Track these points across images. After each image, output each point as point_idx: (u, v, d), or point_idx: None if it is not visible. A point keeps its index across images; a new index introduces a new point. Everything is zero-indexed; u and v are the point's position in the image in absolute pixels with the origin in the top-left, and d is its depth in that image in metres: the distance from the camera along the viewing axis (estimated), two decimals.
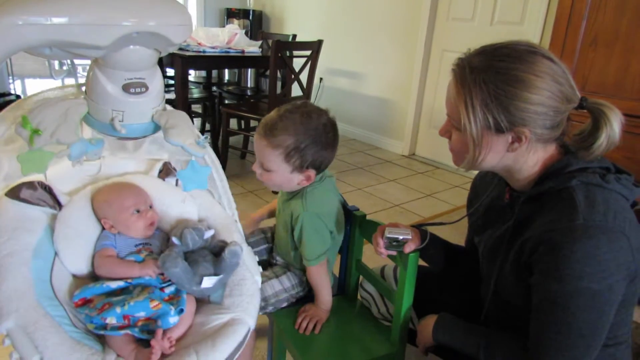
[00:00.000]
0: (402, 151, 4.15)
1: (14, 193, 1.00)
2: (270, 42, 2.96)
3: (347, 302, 1.40)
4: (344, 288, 1.45)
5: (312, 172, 1.18)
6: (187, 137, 0.96)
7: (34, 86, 5.45)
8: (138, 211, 1.07)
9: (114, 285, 0.97)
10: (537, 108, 0.85)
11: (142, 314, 0.91)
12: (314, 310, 1.29)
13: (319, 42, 3.10)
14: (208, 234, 1.08)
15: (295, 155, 1.13)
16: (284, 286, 1.32)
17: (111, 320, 0.89)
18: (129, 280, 0.98)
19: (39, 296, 0.90)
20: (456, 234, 1.34)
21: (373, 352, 1.22)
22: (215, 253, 1.06)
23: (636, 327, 1.83)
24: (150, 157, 1.23)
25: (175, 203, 1.17)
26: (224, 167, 1.22)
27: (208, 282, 0.99)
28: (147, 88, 0.92)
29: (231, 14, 5.22)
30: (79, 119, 0.91)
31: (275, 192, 1.43)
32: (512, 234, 0.96)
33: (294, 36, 3.89)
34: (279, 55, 2.85)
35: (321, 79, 4.62)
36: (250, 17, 5.19)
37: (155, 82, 0.94)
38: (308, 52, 3.12)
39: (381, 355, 1.22)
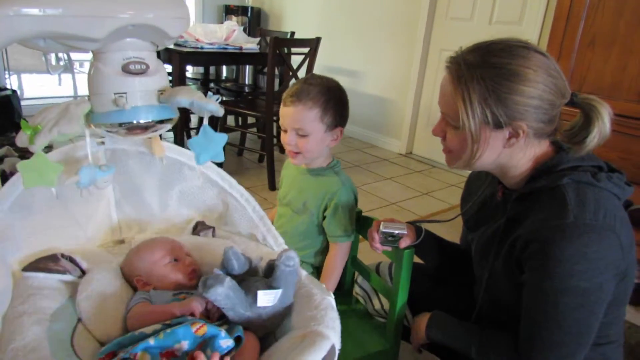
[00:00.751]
0: (399, 150, 4.15)
1: (32, 267, 0.91)
2: (268, 39, 2.96)
3: (343, 297, 1.40)
4: (339, 284, 1.45)
5: (339, 130, 1.28)
6: (195, 93, 0.88)
7: (31, 81, 5.42)
8: (176, 260, 0.97)
9: (149, 330, 0.77)
10: (534, 102, 0.85)
11: (184, 344, 0.72)
12: None
13: (317, 40, 3.10)
14: (256, 260, 0.94)
15: (329, 113, 1.23)
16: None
17: (142, 356, 0.71)
18: (167, 322, 0.79)
19: (54, 351, 0.75)
20: (452, 232, 1.34)
21: (367, 348, 1.22)
22: (266, 276, 0.89)
23: (629, 327, 1.84)
24: (180, 219, 1.19)
25: (216, 250, 1.03)
26: (220, 165, 1.20)
27: (265, 298, 0.81)
28: (147, 66, 0.87)
29: (229, 11, 5.20)
30: (81, 114, 0.84)
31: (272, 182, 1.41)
32: (504, 231, 0.97)
33: (292, 33, 3.88)
34: (277, 52, 2.85)
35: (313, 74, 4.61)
36: (249, 14, 5.18)
37: (156, 62, 0.89)
38: (306, 50, 3.12)
39: (375, 352, 1.22)
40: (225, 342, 0.73)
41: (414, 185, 3.40)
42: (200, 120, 4.12)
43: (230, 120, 3.75)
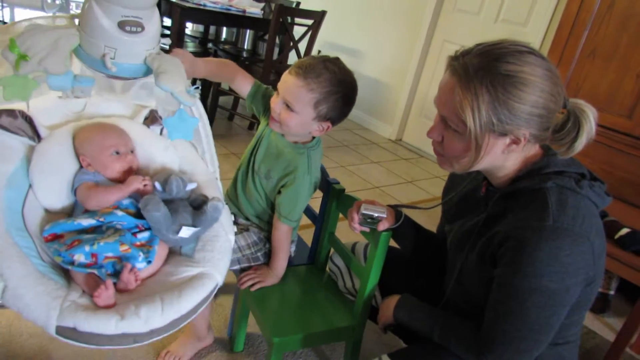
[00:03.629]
0: (389, 135, 4.16)
1: None
2: (273, 5, 2.91)
3: (316, 272, 1.42)
4: (313, 258, 1.47)
5: (328, 125, 1.21)
6: (178, 84, 0.94)
7: (24, 16, 5.27)
8: (118, 153, 1.06)
9: (86, 222, 0.96)
10: (539, 110, 0.86)
11: (110, 255, 0.91)
12: (263, 271, 1.31)
13: (323, 13, 3.06)
14: (191, 185, 1.08)
15: (325, 104, 1.16)
16: (247, 242, 1.34)
17: (79, 257, 0.89)
18: (101, 219, 0.97)
19: (9, 226, 0.89)
20: (430, 221, 1.36)
21: (334, 323, 1.25)
22: (194, 206, 1.06)
23: (587, 332, 1.91)
24: (137, 102, 1.21)
25: (157, 151, 1.16)
26: (210, 126, 1.21)
27: (186, 232, 0.99)
28: (143, 28, 0.89)
29: None
30: (69, 50, 0.87)
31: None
32: (483, 226, 0.99)
33: (298, 3, 3.82)
34: (280, 20, 2.80)
35: (319, 51, 4.57)
36: None
37: (152, 24, 0.91)
38: (310, 22, 3.08)
39: (341, 327, 1.25)
40: (140, 265, 0.93)
41: (400, 172, 3.43)
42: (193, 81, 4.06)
43: (224, 83, 3.71)
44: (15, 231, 0.89)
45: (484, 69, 0.85)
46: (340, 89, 1.17)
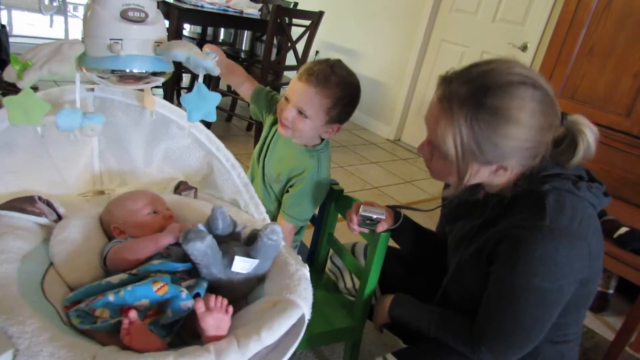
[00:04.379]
0: (387, 135, 4.16)
1: (8, 205, 0.90)
2: (270, 6, 2.90)
3: (315, 273, 1.42)
4: (312, 259, 1.47)
5: (338, 126, 1.24)
6: (192, 47, 0.87)
7: (21, 19, 5.25)
8: (155, 212, 0.97)
9: (116, 280, 0.78)
10: (526, 144, 0.86)
11: (144, 302, 0.72)
12: None
13: (320, 13, 3.06)
14: (240, 227, 0.94)
15: (337, 108, 1.18)
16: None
17: (102, 312, 0.71)
18: (134, 272, 0.80)
19: (23, 291, 0.73)
20: (429, 222, 1.36)
21: (334, 324, 1.25)
22: (247, 243, 0.90)
23: (586, 331, 1.91)
24: (163, 177, 1.17)
25: (198, 214, 1.03)
26: (208, 128, 1.19)
27: (240, 264, 0.81)
28: (147, 15, 0.85)
29: None
30: (73, 55, 0.82)
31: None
32: (480, 227, 0.99)
33: (296, 4, 3.82)
34: (278, 20, 2.80)
35: (317, 51, 4.56)
36: None
37: (155, 13, 0.87)
38: (307, 22, 3.07)
39: (341, 328, 1.25)
40: (186, 303, 0.73)
41: (398, 172, 3.43)
42: (192, 80, 4.06)
43: (223, 84, 3.70)
44: (32, 297, 0.74)
45: (469, 103, 0.83)
46: (349, 91, 1.19)
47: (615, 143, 2.02)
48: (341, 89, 1.17)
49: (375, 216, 1.13)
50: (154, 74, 0.90)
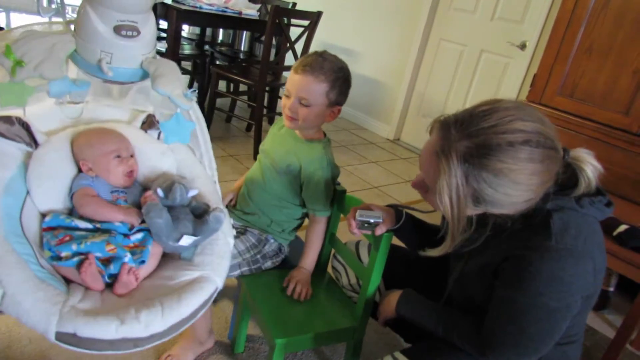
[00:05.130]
0: (387, 135, 4.16)
1: None
2: (269, 6, 2.91)
3: (317, 273, 1.42)
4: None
5: (339, 108, 1.34)
6: (175, 87, 0.94)
7: (20, 21, 5.25)
8: (119, 157, 1.06)
9: (82, 225, 0.97)
10: (527, 197, 0.85)
11: (97, 255, 0.91)
12: (300, 277, 1.33)
13: (319, 14, 3.06)
14: (192, 192, 1.08)
15: (334, 90, 1.28)
16: (246, 245, 1.36)
17: (66, 255, 0.90)
18: (97, 225, 0.98)
19: (7, 232, 0.89)
20: (430, 221, 1.36)
21: (336, 324, 1.25)
22: (195, 214, 1.05)
23: (587, 329, 1.91)
24: (134, 107, 1.21)
25: (155, 155, 1.16)
26: (208, 129, 1.21)
27: (186, 240, 0.99)
28: (139, 32, 0.89)
29: None
30: (64, 56, 0.87)
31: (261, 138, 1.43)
32: (482, 243, 0.99)
33: (294, 4, 3.82)
34: (276, 21, 2.80)
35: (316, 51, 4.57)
36: None
37: (148, 28, 0.91)
38: (306, 22, 3.07)
39: (343, 328, 1.25)
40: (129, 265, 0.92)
41: (398, 171, 3.43)
42: (191, 82, 4.06)
43: (222, 85, 3.70)
44: (14, 237, 0.89)
45: (469, 162, 0.82)
46: (341, 73, 1.30)
47: (614, 141, 2.02)
48: (334, 72, 1.27)
49: (372, 220, 1.13)
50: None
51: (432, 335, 1.05)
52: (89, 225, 0.97)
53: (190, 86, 4.01)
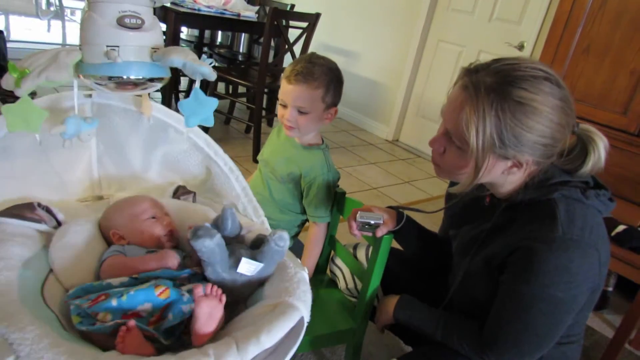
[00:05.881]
0: (386, 136, 4.17)
1: (7, 212, 0.90)
2: (267, 8, 2.91)
3: (316, 275, 1.42)
4: None
5: (335, 110, 1.34)
6: (189, 54, 0.87)
7: (19, 24, 5.25)
8: (154, 218, 0.96)
9: (116, 282, 0.80)
10: (546, 140, 0.86)
11: (147, 307, 0.73)
12: None
13: (317, 15, 3.06)
14: (245, 230, 0.96)
15: (329, 93, 1.29)
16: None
17: (104, 316, 0.71)
18: (135, 276, 0.81)
19: (23, 298, 0.74)
20: (430, 223, 1.37)
21: (336, 326, 1.25)
22: (252, 247, 0.91)
23: (585, 329, 1.91)
24: (162, 181, 1.17)
25: (197, 217, 1.05)
26: (206, 131, 1.19)
27: (246, 267, 0.82)
28: (143, 21, 0.85)
29: None
30: (70, 63, 0.83)
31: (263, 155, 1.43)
32: (488, 235, 0.99)
33: (292, 6, 3.82)
34: (274, 23, 2.81)
35: (314, 53, 4.57)
36: None
37: (152, 19, 0.88)
38: (304, 24, 3.08)
39: (343, 330, 1.25)
40: (187, 307, 0.74)
41: (397, 172, 3.43)
42: (191, 83, 4.06)
43: (221, 87, 3.71)
44: (32, 304, 0.74)
45: (495, 92, 0.83)
46: (333, 75, 1.29)
47: (612, 141, 1.99)
48: (326, 75, 1.27)
49: (373, 221, 1.13)
50: (151, 79, 0.91)
51: (431, 339, 1.05)
52: (124, 280, 0.80)
53: (189, 87, 4.01)
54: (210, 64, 0.91)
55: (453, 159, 0.93)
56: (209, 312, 0.71)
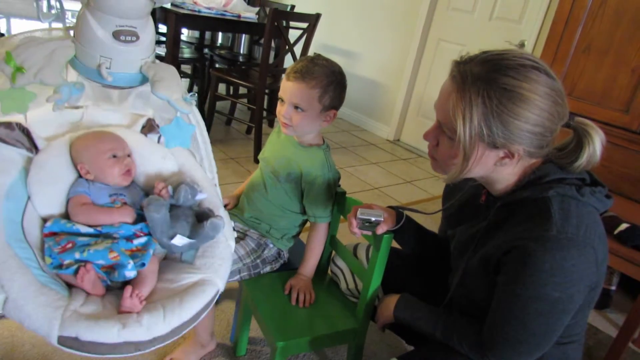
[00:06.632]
0: (387, 136, 4.17)
1: None
2: (267, 9, 2.91)
3: (317, 276, 1.42)
4: None
5: (334, 112, 1.32)
6: (175, 91, 0.94)
7: (20, 26, 5.26)
8: (115, 156, 1.06)
9: (84, 229, 0.97)
10: (536, 128, 0.85)
11: (100, 262, 0.91)
12: (300, 283, 1.33)
13: (317, 16, 3.07)
14: (201, 196, 1.08)
15: (327, 95, 1.27)
16: (246, 250, 1.36)
17: (69, 263, 0.90)
18: (99, 229, 0.98)
19: (9, 237, 0.89)
20: (430, 223, 1.37)
21: (337, 326, 1.25)
22: (198, 218, 1.06)
23: (588, 328, 1.91)
24: (134, 111, 1.21)
25: (155, 159, 1.16)
26: (208, 132, 1.22)
27: (179, 240, 0.99)
28: (137, 37, 0.89)
29: None
30: (64, 61, 0.88)
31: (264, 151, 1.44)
32: (484, 234, 0.99)
33: (292, 7, 3.83)
34: (275, 24, 2.81)
35: (315, 53, 4.57)
36: None
37: (147, 32, 0.92)
38: (305, 25, 3.08)
39: (345, 330, 1.25)
40: (130, 272, 0.92)
41: (398, 172, 3.43)
42: (191, 85, 4.07)
43: (222, 88, 3.71)
44: (15, 242, 0.90)
45: (482, 79, 0.84)
46: (333, 77, 1.28)
47: (614, 139, 2.02)
48: (325, 77, 1.26)
49: (373, 219, 1.13)
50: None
51: (432, 338, 1.05)
52: (90, 230, 0.97)
53: (190, 89, 4.02)
54: (192, 104, 1.02)
55: (445, 150, 0.93)
56: (131, 306, 0.88)
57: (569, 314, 0.89)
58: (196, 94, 1.00)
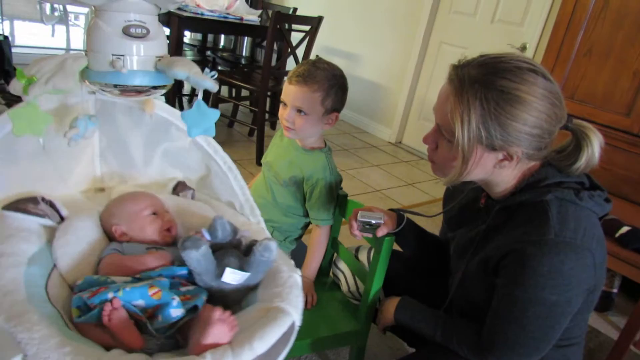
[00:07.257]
0: (389, 138, 4.17)
1: (12, 206, 0.92)
2: (270, 12, 2.93)
3: (319, 278, 1.43)
4: None
5: (336, 115, 1.34)
6: (192, 67, 0.88)
7: (23, 29, 5.29)
8: (155, 214, 0.99)
9: (119, 280, 0.84)
10: (534, 130, 0.85)
11: (140, 303, 0.77)
12: (303, 284, 1.32)
13: (319, 19, 3.08)
14: (243, 233, 0.97)
15: (329, 98, 1.29)
16: None
17: (97, 305, 0.75)
18: (137, 276, 0.85)
19: (30, 297, 0.76)
20: (432, 225, 1.37)
21: (339, 328, 1.26)
22: (245, 252, 0.93)
23: (590, 331, 1.91)
24: (162, 177, 1.19)
25: (195, 215, 1.08)
26: None
27: (230, 276, 0.85)
28: (148, 31, 0.87)
29: None
30: (77, 69, 0.85)
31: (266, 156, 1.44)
32: (483, 237, 0.99)
33: (295, 9, 3.84)
34: (277, 26, 2.82)
35: (317, 56, 4.58)
36: None
37: (157, 28, 0.89)
38: (307, 28, 3.09)
39: (346, 332, 1.26)
40: (175, 311, 0.77)
41: (400, 174, 3.44)
42: (194, 88, 4.07)
43: (224, 90, 3.72)
44: (38, 302, 0.77)
45: (479, 82, 0.84)
46: (335, 81, 1.29)
47: (616, 142, 2.03)
48: (327, 80, 1.27)
49: (374, 221, 1.14)
50: (155, 87, 0.93)
51: (432, 341, 1.05)
52: (127, 279, 0.84)
53: (192, 91, 4.03)
54: (212, 76, 0.91)
55: (444, 153, 0.94)
56: (219, 335, 0.72)
57: (568, 317, 0.89)
58: (216, 73, 0.94)
